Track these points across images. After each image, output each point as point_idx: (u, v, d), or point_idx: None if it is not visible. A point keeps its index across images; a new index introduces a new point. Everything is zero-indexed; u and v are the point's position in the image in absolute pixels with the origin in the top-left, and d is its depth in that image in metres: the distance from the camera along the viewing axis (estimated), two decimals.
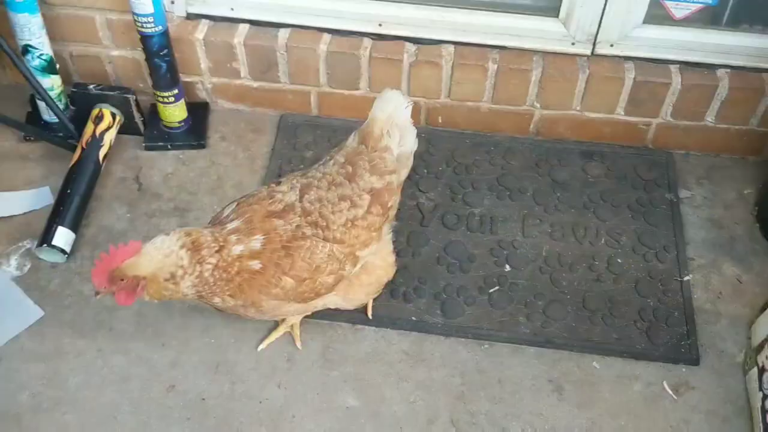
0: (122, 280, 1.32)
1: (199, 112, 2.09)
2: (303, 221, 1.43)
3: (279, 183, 1.50)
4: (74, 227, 1.81)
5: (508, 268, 1.80)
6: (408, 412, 1.59)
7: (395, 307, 1.73)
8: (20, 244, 1.83)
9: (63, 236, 1.78)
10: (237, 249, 1.38)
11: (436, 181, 1.97)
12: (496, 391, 1.61)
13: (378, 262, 1.58)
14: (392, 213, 1.56)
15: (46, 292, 1.75)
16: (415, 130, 1.55)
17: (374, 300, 1.70)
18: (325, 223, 1.44)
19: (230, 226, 1.41)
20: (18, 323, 1.70)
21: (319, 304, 1.54)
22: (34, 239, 1.81)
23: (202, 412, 1.58)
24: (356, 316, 1.70)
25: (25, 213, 1.88)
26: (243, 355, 1.66)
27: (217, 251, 1.36)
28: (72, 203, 1.82)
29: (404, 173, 1.56)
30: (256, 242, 1.39)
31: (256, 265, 1.39)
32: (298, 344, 1.67)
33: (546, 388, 1.62)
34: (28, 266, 1.80)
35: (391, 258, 1.62)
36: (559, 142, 2.07)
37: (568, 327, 1.70)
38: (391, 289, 1.73)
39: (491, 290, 1.75)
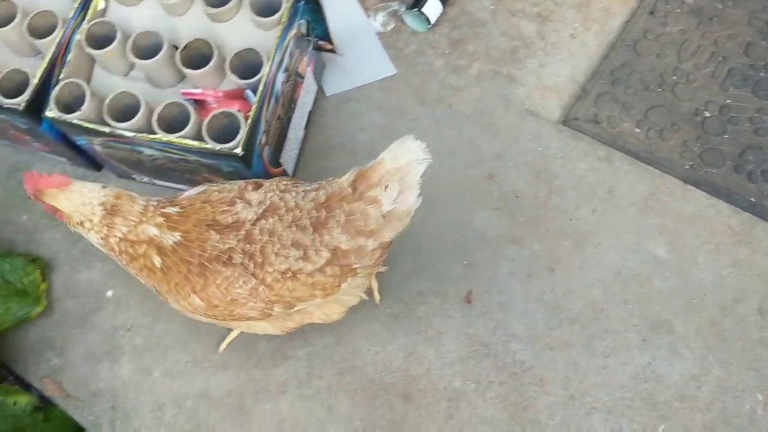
0: (44, 202, 1.28)
1: None
2: (239, 247, 1.22)
3: (259, 186, 1.29)
4: (444, 1, 1.86)
5: None
6: (716, 283, 1.52)
7: (736, 181, 1.61)
8: (390, 3, 1.92)
9: (433, 6, 1.83)
10: (151, 231, 1.24)
11: None
12: None
13: (318, 312, 1.36)
14: (363, 273, 1.29)
15: (401, 54, 1.84)
16: (419, 189, 1.20)
17: None
18: (261, 260, 1.22)
19: (169, 209, 1.26)
20: (372, 73, 1.83)
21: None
22: (403, 2, 1.89)
23: (513, 208, 1.63)
24: (690, 176, 1.62)
25: None
26: (566, 172, 1.66)
27: (134, 224, 1.23)
28: None
29: (389, 235, 1.23)
30: (171, 239, 1.24)
31: (157, 261, 1.24)
32: (376, 296, 1.54)
33: None
34: (392, 26, 1.89)
35: (336, 316, 1.39)
36: None
37: None
38: (735, 164, 1.61)
39: None
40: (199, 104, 1.48)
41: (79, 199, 1.24)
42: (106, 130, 1.42)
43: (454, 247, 1.60)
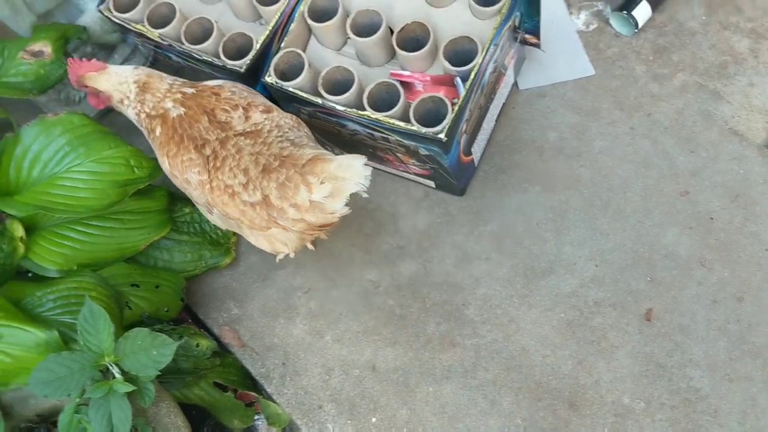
0: (86, 87, 1.43)
1: None
2: (213, 144, 1.34)
3: (267, 111, 1.40)
4: (654, 6, 1.80)
5: None
6: None
7: None
8: (594, 2, 1.88)
9: (643, 10, 1.78)
10: (168, 105, 1.39)
11: None
12: None
13: (254, 236, 1.44)
14: (293, 234, 1.36)
15: (601, 56, 1.80)
16: (346, 200, 1.26)
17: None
18: (219, 165, 1.33)
19: (186, 89, 1.41)
20: (569, 72, 1.80)
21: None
22: (608, 3, 1.84)
23: (705, 229, 1.57)
24: None
25: None
26: (767, 200, 1.58)
27: (159, 100, 1.39)
28: None
29: (313, 219, 1.29)
30: (175, 112, 1.38)
31: (158, 130, 1.39)
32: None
33: None
34: (594, 26, 1.85)
35: (265, 245, 1.45)
36: None
37: None
38: None
39: None
40: (405, 86, 1.51)
41: (116, 78, 1.42)
42: (318, 101, 1.47)
43: (638, 261, 1.56)
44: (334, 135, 1.62)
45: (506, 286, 1.58)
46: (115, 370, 1.20)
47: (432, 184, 1.68)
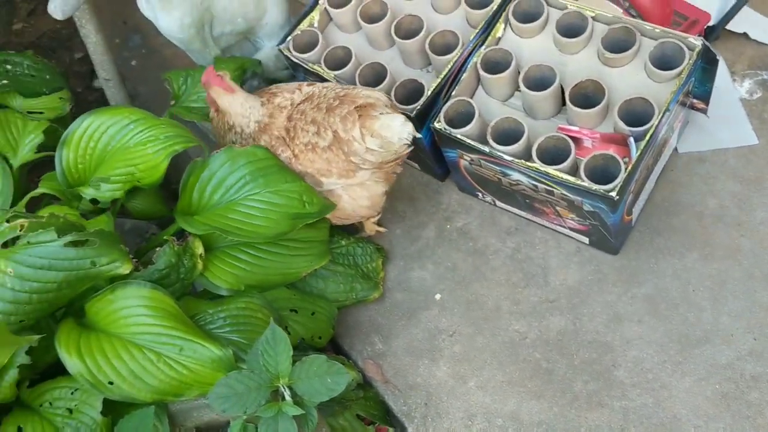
0: (209, 94, 1.54)
1: None
2: (283, 124, 1.53)
3: (312, 83, 1.59)
4: None
5: None
6: None
7: None
8: (760, 72, 1.85)
9: None
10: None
11: None
12: None
13: (345, 196, 1.56)
14: (368, 165, 1.51)
15: (765, 125, 1.77)
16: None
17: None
18: (293, 135, 1.51)
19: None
20: (731, 139, 1.77)
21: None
22: None
23: None
24: None
25: None
26: None
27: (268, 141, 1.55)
28: None
29: (372, 158, 1.50)
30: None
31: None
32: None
33: None
34: (758, 95, 1.82)
35: (365, 202, 1.59)
36: None
37: None
38: None
39: None
40: (573, 141, 1.52)
41: (239, 109, 1.54)
42: (486, 149, 1.51)
43: None
44: (491, 182, 1.65)
45: (659, 351, 1.55)
46: (287, 393, 1.25)
47: (586, 240, 1.68)
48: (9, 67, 1.73)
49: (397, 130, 1.46)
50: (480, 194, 1.77)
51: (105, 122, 1.44)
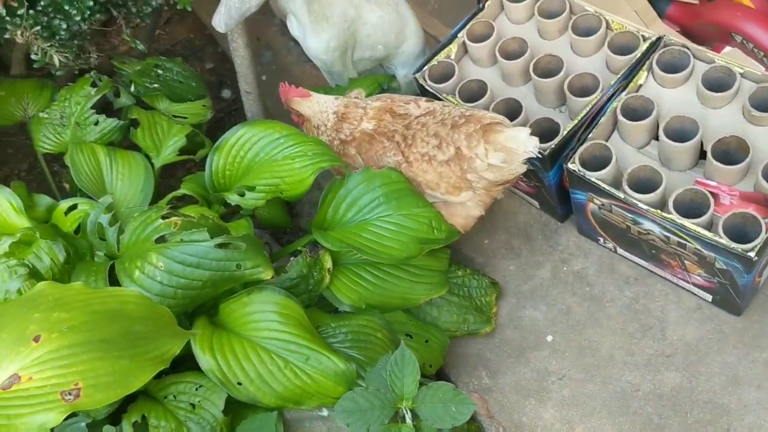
0: (292, 109, 1.63)
1: None
2: (401, 131, 1.57)
3: (430, 101, 1.64)
4: None
5: None
6: None
7: None
8: None
9: None
10: (367, 127, 1.60)
11: None
12: None
13: (444, 211, 1.59)
14: (479, 192, 1.57)
15: None
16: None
17: None
18: (410, 142, 1.55)
19: (374, 103, 1.63)
20: None
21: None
22: None
23: None
24: None
25: None
26: None
27: (355, 127, 1.60)
28: None
29: (490, 176, 1.53)
30: (368, 126, 1.60)
31: (351, 149, 1.62)
32: None
33: None
34: None
35: (459, 221, 1.62)
36: None
37: None
38: None
39: None
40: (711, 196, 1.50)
41: (317, 107, 1.62)
42: (621, 195, 1.50)
43: None
44: (617, 229, 1.64)
45: None
46: (408, 416, 1.26)
47: (709, 297, 1.64)
48: (160, 71, 1.82)
49: (523, 142, 1.49)
50: (601, 239, 1.76)
51: (257, 134, 1.51)
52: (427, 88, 1.77)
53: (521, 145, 1.49)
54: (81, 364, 0.97)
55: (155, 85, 1.79)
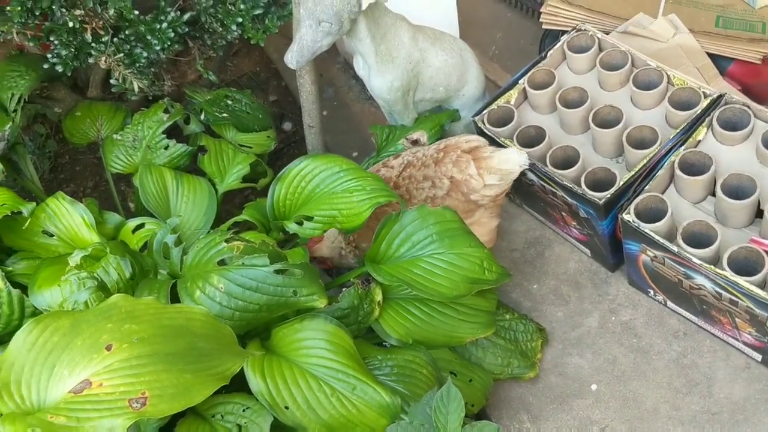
0: (315, 258, 1.71)
1: None
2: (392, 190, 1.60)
3: (396, 156, 1.70)
4: None
5: None
6: None
7: None
8: None
9: None
10: None
11: None
12: None
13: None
14: (487, 208, 1.67)
15: None
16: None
17: None
18: (408, 197, 1.63)
19: None
20: None
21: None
22: None
23: None
24: None
25: None
26: None
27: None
28: None
29: (489, 192, 1.64)
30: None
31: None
32: None
33: None
34: None
35: (484, 238, 1.68)
36: None
37: None
38: None
39: None
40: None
41: (329, 244, 1.71)
42: (675, 249, 1.50)
43: None
44: (669, 282, 1.64)
45: None
46: None
47: (759, 357, 1.62)
48: (230, 102, 1.90)
49: (517, 161, 1.62)
50: (651, 291, 1.75)
51: (318, 166, 1.56)
52: (486, 131, 1.81)
53: (515, 165, 1.62)
54: (148, 374, 1.01)
55: (224, 115, 1.86)
